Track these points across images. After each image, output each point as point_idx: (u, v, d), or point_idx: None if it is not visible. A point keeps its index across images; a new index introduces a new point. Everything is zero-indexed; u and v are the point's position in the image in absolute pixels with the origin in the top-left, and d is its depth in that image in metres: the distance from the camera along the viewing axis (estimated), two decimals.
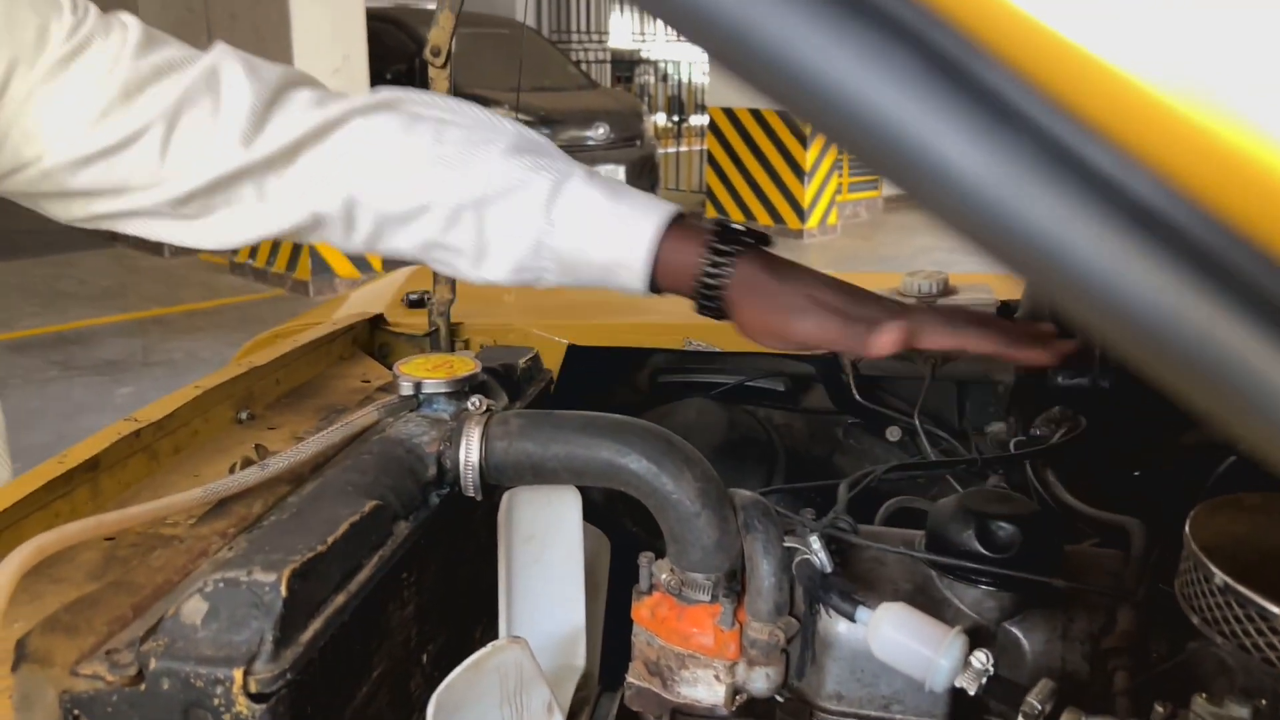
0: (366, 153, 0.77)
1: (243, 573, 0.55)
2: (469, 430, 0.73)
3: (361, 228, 0.79)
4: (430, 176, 0.76)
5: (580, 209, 0.75)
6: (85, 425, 4.46)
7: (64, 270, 7.35)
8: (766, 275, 0.73)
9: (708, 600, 0.72)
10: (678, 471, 0.71)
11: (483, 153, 0.76)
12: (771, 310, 0.73)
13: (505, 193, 0.75)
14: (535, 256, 0.76)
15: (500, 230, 0.76)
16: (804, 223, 8.35)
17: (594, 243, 0.75)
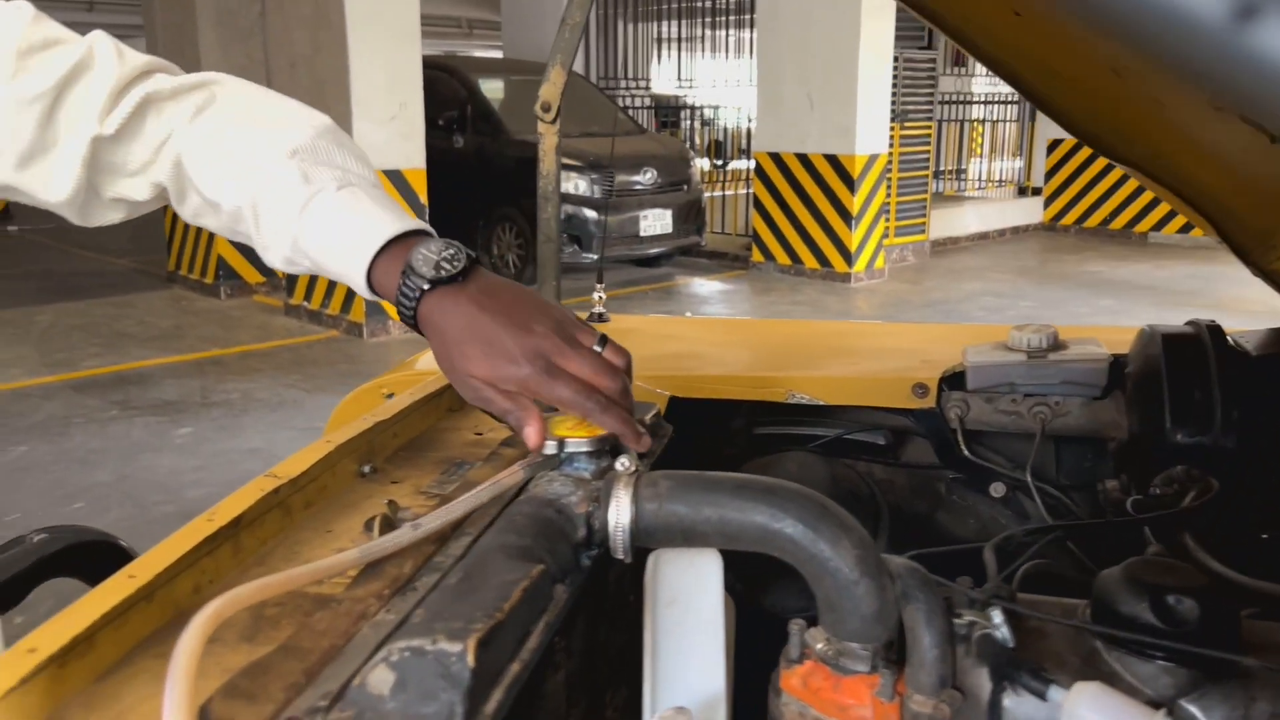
0: (189, 137, 0.89)
1: (427, 641, 0.54)
2: (619, 491, 0.73)
3: (188, 204, 0.93)
4: (223, 176, 0.88)
5: (319, 224, 0.86)
6: (145, 464, 4.52)
7: (124, 311, 7.50)
8: (440, 317, 0.83)
9: (866, 671, 0.70)
10: (835, 538, 0.69)
11: (266, 156, 0.88)
12: (441, 358, 0.84)
13: (272, 202, 0.87)
14: (298, 255, 0.88)
15: (270, 227, 0.88)
16: (851, 266, 8.33)
17: (327, 257, 0.87)
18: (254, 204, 0.88)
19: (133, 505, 4.03)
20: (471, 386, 0.83)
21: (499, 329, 0.82)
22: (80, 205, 0.91)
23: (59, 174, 0.87)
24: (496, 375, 0.81)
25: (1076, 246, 10.55)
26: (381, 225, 0.86)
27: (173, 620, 0.72)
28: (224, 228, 0.93)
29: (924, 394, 1.28)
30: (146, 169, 0.90)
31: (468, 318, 0.82)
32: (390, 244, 0.85)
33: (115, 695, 0.63)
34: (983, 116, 12.73)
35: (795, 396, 1.28)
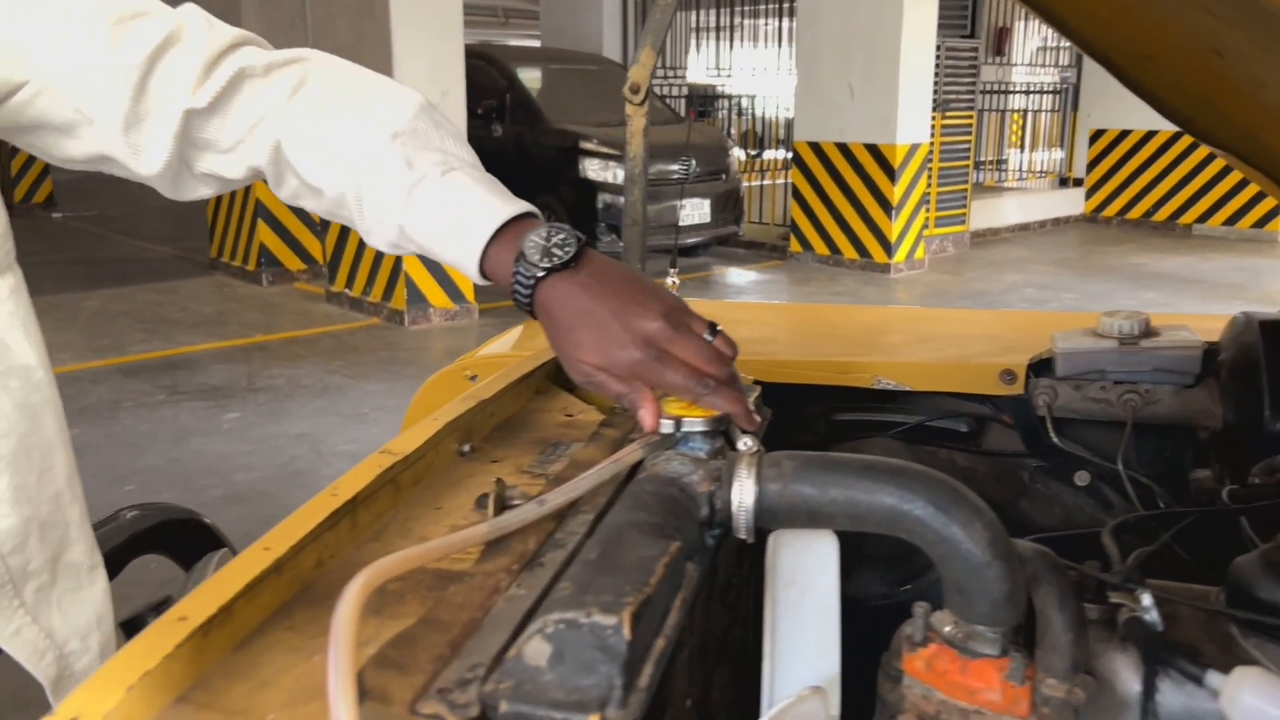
0: (286, 118, 0.87)
1: (581, 614, 0.54)
2: (741, 471, 0.72)
3: (286, 186, 0.91)
4: (324, 160, 0.87)
5: (426, 211, 0.85)
6: (194, 448, 4.57)
7: (168, 297, 7.59)
8: (556, 304, 0.82)
9: (996, 655, 0.69)
10: (967, 520, 0.69)
11: (368, 140, 0.86)
12: (555, 343, 0.84)
13: (378, 185, 0.86)
14: (404, 240, 0.87)
15: (374, 213, 0.87)
16: (891, 257, 8.28)
17: (438, 243, 0.86)
18: (357, 191, 0.87)
19: (183, 488, 4.08)
20: (584, 371, 0.82)
21: (610, 315, 0.81)
22: (172, 178, 0.90)
23: (151, 146, 0.86)
24: (609, 361, 0.81)
25: (1119, 238, 10.42)
26: (491, 211, 0.85)
27: (299, 593, 0.73)
28: (324, 211, 0.92)
29: (1012, 380, 1.26)
30: (239, 148, 0.89)
31: (580, 304, 0.82)
32: (500, 230, 0.84)
33: (254, 665, 0.64)
34: (1023, 106, 12.58)
35: (881, 382, 1.27)
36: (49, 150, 0.86)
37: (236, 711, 0.59)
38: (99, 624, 0.89)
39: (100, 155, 0.86)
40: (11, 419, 0.80)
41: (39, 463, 0.83)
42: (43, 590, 0.83)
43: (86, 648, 0.87)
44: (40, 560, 0.83)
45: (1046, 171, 12.52)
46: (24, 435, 0.81)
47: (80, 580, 0.88)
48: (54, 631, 0.84)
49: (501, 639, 0.60)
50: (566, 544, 0.74)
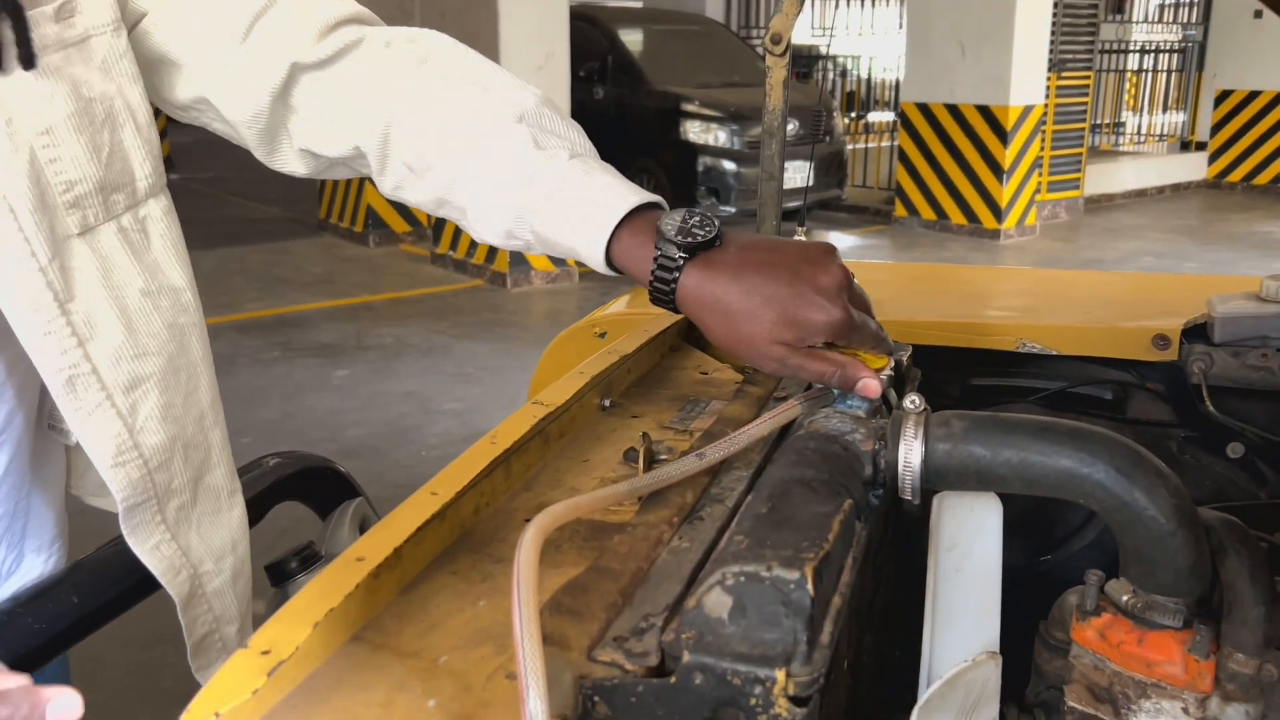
0: (402, 96, 0.83)
1: (762, 567, 0.53)
2: (908, 430, 0.70)
3: (390, 172, 0.86)
4: (444, 140, 0.82)
5: (551, 195, 0.79)
6: (307, 404, 4.71)
7: (279, 258, 7.81)
8: (712, 289, 0.75)
9: (1177, 627, 0.66)
10: (1151, 485, 0.65)
11: (490, 120, 0.82)
12: (725, 333, 0.76)
13: (496, 166, 0.81)
14: (520, 228, 0.82)
15: (489, 200, 0.82)
16: (1001, 223, 8.04)
17: (559, 229, 0.80)
18: (475, 172, 0.82)
19: (298, 442, 4.20)
20: (774, 356, 0.75)
21: (782, 285, 0.74)
22: (266, 138, 0.87)
23: (245, 91, 0.83)
24: (803, 333, 0.74)
25: (1243, 205, 9.92)
26: (619, 196, 0.79)
27: (460, 539, 0.73)
28: (430, 199, 0.87)
29: (1165, 346, 1.21)
30: (345, 121, 0.85)
31: (745, 283, 0.74)
32: (630, 216, 0.78)
33: (423, 608, 0.65)
34: (1142, 66, 12.03)
35: (1026, 345, 1.23)
36: (159, 91, 0.86)
37: (410, 653, 0.60)
38: (233, 548, 0.90)
39: (200, 98, 0.85)
40: (161, 338, 0.80)
41: (185, 384, 0.83)
42: (184, 509, 0.84)
43: (219, 570, 0.88)
44: (183, 479, 0.84)
45: (1166, 135, 11.98)
46: (173, 355, 0.81)
47: (220, 503, 0.89)
48: (190, 550, 0.85)
49: (674, 590, 0.60)
50: (725, 499, 0.73)
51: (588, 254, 0.79)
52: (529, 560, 0.54)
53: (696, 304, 0.76)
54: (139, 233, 0.79)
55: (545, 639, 0.56)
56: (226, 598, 0.89)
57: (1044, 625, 0.82)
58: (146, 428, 0.79)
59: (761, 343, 0.74)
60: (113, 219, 0.76)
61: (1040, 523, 1.29)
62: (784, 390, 0.97)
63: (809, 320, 0.73)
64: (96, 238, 0.75)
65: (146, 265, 0.79)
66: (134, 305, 0.78)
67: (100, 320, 0.75)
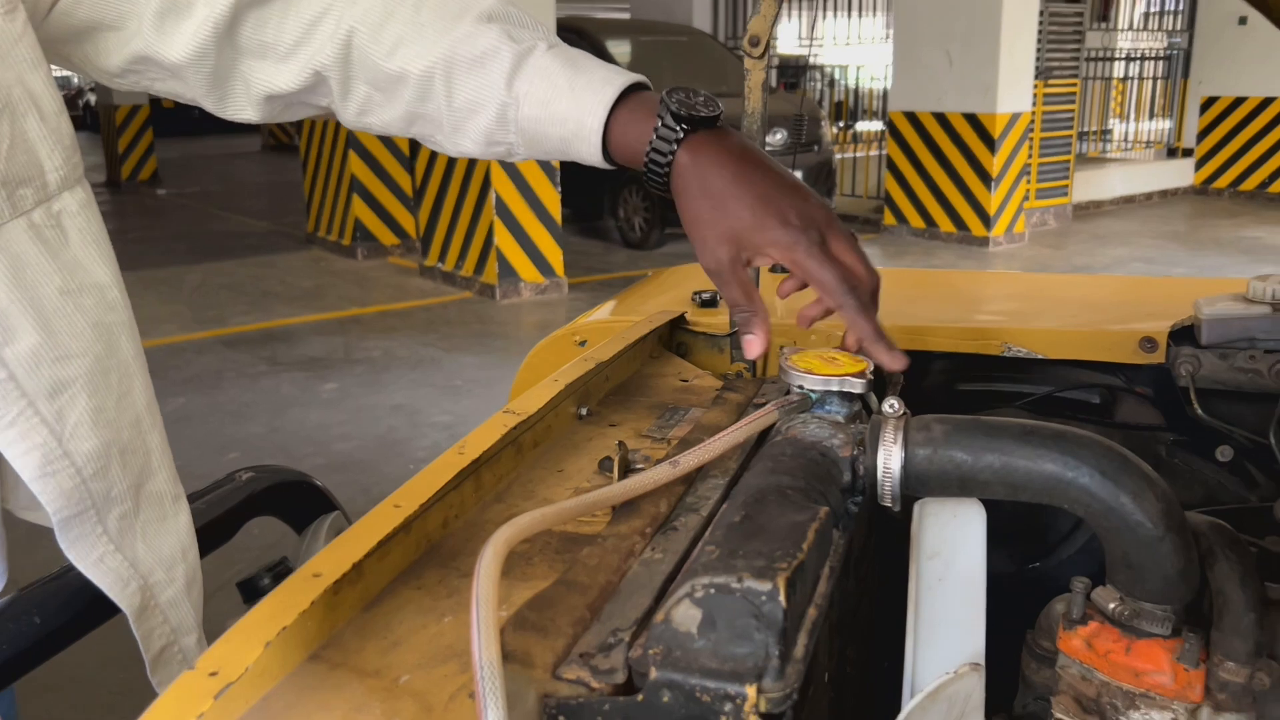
0: (355, 9, 0.78)
1: (733, 579, 0.51)
2: (887, 435, 0.68)
3: (355, 94, 0.81)
4: (409, 40, 0.78)
5: (540, 81, 0.76)
6: (294, 418, 4.68)
7: (267, 271, 7.78)
8: (705, 164, 0.74)
9: (1165, 635, 0.64)
10: (1138, 490, 0.63)
11: (455, 21, 0.78)
12: (696, 213, 0.74)
13: (471, 63, 0.77)
14: (501, 128, 0.78)
15: (468, 101, 0.78)
16: (990, 230, 8.05)
17: (551, 115, 0.76)
18: (448, 68, 0.78)
19: (284, 456, 4.17)
20: (717, 253, 0.74)
21: (772, 186, 0.73)
22: (218, 87, 0.81)
23: (184, 30, 0.77)
24: (760, 238, 0.73)
25: (1231, 211, 9.95)
26: (610, 78, 0.77)
27: (427, 553, 0.71)
28: (401, 116, 0.82)
29: (1153, 349, 1.19)
30: (301, 48, 0.80)
31: (736, 168, 0.74)
32: (623, 98, 0.76)
33: (386, 625, 0.62)
34: (1128, 74, 12.08)
35: (1011, 350, 1.21)
36: (93, 60, 0.81)
37: (370, 671, 0.58)
38: (184, 555, 0.86)
39: (138, 56, 0.80)
40: (86, 339, 0.75)
41: (117, 386, 0.78)
42: (126, 518, 0.80)
43: (171, 579, 0.84)
44: (123, 486, 0.79)
45: (1153, 142, 12.02)
46: (100, 356, 0.77)
47: (164, 510, 0.84)
48: (138, 560, 0.81)
49: (643, 603, 0.58)
50: (700, 508, 0.71)
51: (583, 139, 0.77)
52: (489, 575, 0.52)
53: (683, 176, 0.75)
54: (54, 229, 0.73)
55: (508, 656, 0.53)
56: (182, 607, 0.85)
57: (1031, 634, 0.80)
58: (77, 434, 0.74)
59: (719, 230, 0.74)
60: (21, 215, 0.70)
61: (1029, 529, 1.27)
62: (763, 396, 0.95)
63: (770, 231, 0.73)
64: (3, 235, 0.69)
65: (64, 263, 0.73)
66: (52, 305, 0.72)
67: (14, 323, 0.70)
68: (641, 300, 1.47)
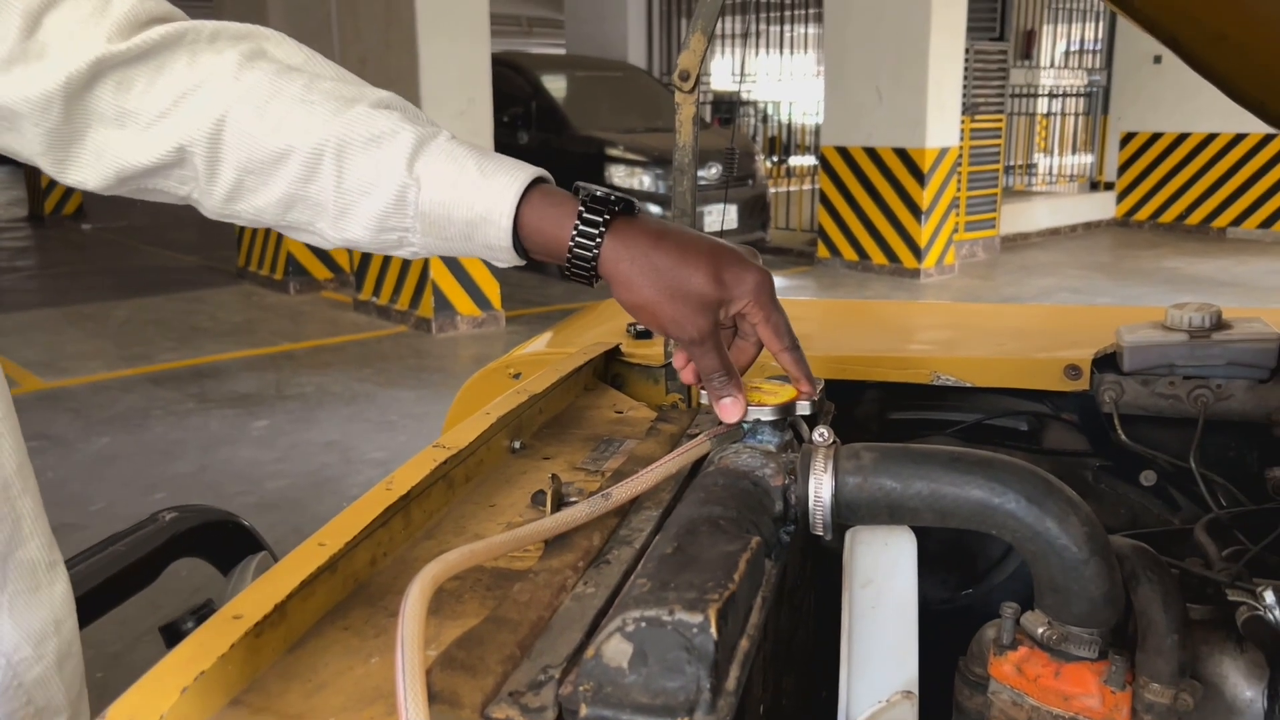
0: (236, 86, 0.72)
1: (663, 611, 0.51)
2: (818, 464, 0.68)
3: (224, 175, 0.73)
4: (296, 118, 0.72)
5: (445, 163, 0.73)
6: (224, 456, 4.57)
7: (196, 306, 7.62)
8: (640, 248, 0.73)
9: (1092, 658, 0.65)
10: (1062, 514, 0.64)
11: (350, 104, 0.73)
12: (649, 288, 0.73)
13: (368, 141, 0.73)
14: (399, 213, 0.74)
15: (362, 182, 0.73)
16: (920, 262, 8.20)
17: (458, 200, 0.73)
18: (340, 145, 0.72)
19: (214, 495, 4.07)
20: (698, 324, 0.73)
21: (707, 245, 0.74)
22: (61, 146, 0.71)
23: (35, 73, 0.68)
24: (734, 291, 0.73)
25: (1151, 242, 10.28)
26: (518, 166, 0.74)
27: (354, 592, 0.69)
28: (277, 201, 0.75)
29: (1077, 376, 1.22)
30: (165, 118, 0.71)
31: (672, 241, 0.73)
32: (530, 190, 0.73)
33: (311, 667, 0.61)
34: (1050, 110, 12.46)
35: (941, 378, 1.23)
36: None
37: (293, 716, 0.56)
38: (57, 629, 0.79)
39: None
40: None
41: None
42: None
43: (40, 655, 0.77)
44: None
45: (1076, 176, 12.39)
46: None
47: (37, 579, 0.77)
48: (2, 638, 0.74)
49: (575, 639, 0.57)
50: (633, 540, 0.70)
51: (492, 223, 0.73)
52: (414, 614, 0.51)
53: (621, 261, 0.73)
54: None
55: (435, 697, 0.52)
56: (51, 686, 0.78)
57: (963, 661, 0.81)
58: None
59: (686, 309, 0.72)
60: None
61: (960, 556, 1.29)
62: (697, 427, 0.95)
63: (740, 277, 0.73)
64: None
65: None
66: None
67: None
68: (578, 332, 1.47)
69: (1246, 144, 10.12)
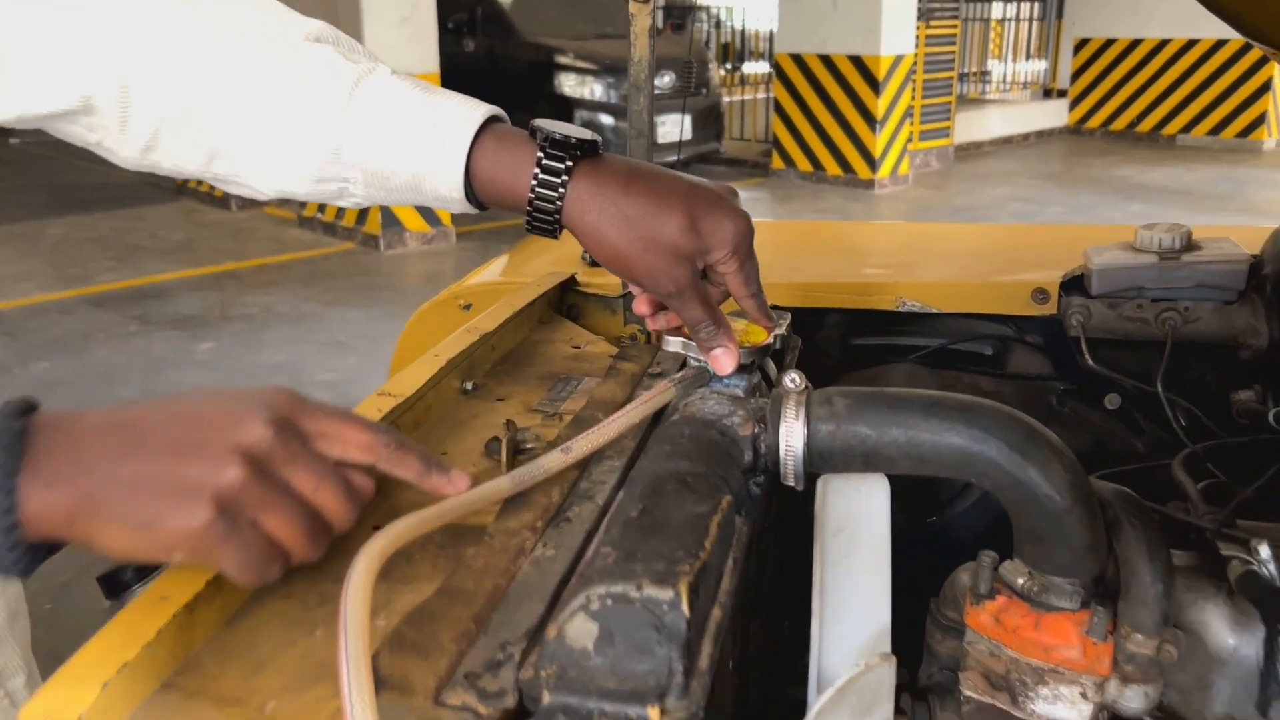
0: (148, 27, 0.64)
1: (631, 587, 0.47)
2: (789, 411, 0.64)
3: (137, 125, 0.66)
4: (216, 59, 0.65)
5: (385, 106, 0.66)
6: (170, 380, 4.46)
7: (134, 224, 7.38)
8: (609, 194, 0.66)
9: (1074, 608, 0.63)
10: (1045, 461, 0.61)
11: (275, 41, 0.66)
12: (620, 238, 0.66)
13: (298, 83, 0.65)
14: (336, 163, 0.67)
15: (294, 129, 0.66)
16: (875, 172, 8.15)
17: (401, 145, 0.66)
18: (269, 90, 0.65)
19: None
20: (674, 275, 0.67)
21: (681, 185, 0.68)
22: None
23: None
24: (711, 240, 0.67)
25: (1103, 150, 10.30)
26: (468, 106, 0.67)
27: None
28: (197, 154, 0.68)
29: (1044, 300, 1.19)
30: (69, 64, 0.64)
31: (643, 184, 0.67)
32: (482, 130, 0.66)
33: (249, 643, 0.56)
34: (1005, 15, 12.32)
35: (906, 304, 1.19)
36: None
37: (231, 699, 0.52)
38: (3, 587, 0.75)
39: None
40: None
41: None
42: None
43: None
44: None
45: (1029, 83, 12.32)
46: None
47: None
48: None
49: (535, 612, 0.53)
50: (595, 495, 0.66)
51: (442, 174, 0.66)
52: (359, 594, 0.46)
53: (589, 212, 0.66)
54: None
55: (383, 684, 0.48)
56: (6, 647, 0.75)
57: (935, 604, 0.79)
58: None
59: (662, 259, 0.66)
60: None
61: (924, 483, 1.27)
62: (659, 366, 0.90)
63: (718, 225, 0.67)
64: None
65: None
66: None
67: None
68: (531, 257, 1.41)
69: (1198, 50, 10.11)
